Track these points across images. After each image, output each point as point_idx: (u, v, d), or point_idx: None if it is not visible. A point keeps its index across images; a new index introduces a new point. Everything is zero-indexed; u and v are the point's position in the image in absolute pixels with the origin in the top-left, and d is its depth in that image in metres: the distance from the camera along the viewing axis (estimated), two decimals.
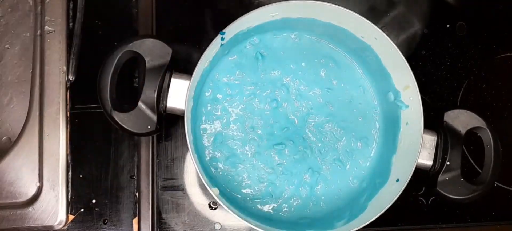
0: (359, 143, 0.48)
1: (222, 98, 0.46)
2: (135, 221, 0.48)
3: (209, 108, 0.46)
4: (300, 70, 0.48)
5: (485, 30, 0.55)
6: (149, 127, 0.42)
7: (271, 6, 0.42)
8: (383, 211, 0.41)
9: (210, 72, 0.46)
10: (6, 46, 0.52)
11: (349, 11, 0.43)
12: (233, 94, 0.47)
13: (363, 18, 0.43)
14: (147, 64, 0.42)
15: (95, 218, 0.48)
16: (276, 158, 0.47)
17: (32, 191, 0.47)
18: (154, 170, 0.49)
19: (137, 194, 0.48)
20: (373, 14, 0.53)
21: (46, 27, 0.49)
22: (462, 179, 0.45)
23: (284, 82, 0.48)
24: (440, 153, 0.45)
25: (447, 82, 0.53)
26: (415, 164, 0.43)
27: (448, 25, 0.55)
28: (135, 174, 0.49)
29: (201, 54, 0.41)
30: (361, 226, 0.42)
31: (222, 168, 0.46)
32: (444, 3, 0.55)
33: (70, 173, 0.48)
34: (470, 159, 0.51)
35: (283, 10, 0.44)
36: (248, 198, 0.46)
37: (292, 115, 0.47)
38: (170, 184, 0.49)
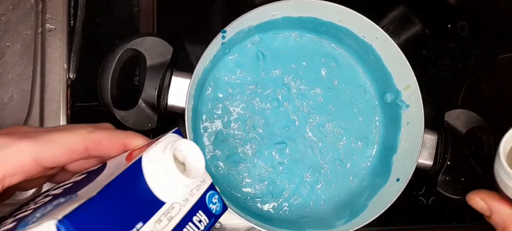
0: (359, 143, 0.48)
1: (223, 97, 0.46)
2: None
3: (209, 107, 0.46)
4: (301, 70, 0.48)
5: (486, 31, 0.55)
6: (149, 125, 0.42)
7: (272, 5, 0.42)
8: (383, 211, 0.41)
9: (211, 71, 0.46)
10: (7, 44, 0.52)
11: (350, 10, 0.43)
12: (234, 93, 0.47)
13: (364, 17, 0.43)
14: (148, 63, 0.42)
15: None
16: (277, 157, 0.47)
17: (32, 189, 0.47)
18: None
19: None
20: (375, 13, 0.53)
21: (47, 25, 0.49)
22: (463, 179, 0.45)
23: (285, 81, 0.48)
24: (441, 152, 0.45)
25: (448, 82, 0.53)
26: (416, 163, 0.43)
27: (449, 25, 0.55)
28: None
29: (202, 52, 0.41)
30: (362, 225, 0.42)
31: (222, 166, 0.46)
32: (445, 3, 0.55)
33: None
34: (471, 159, 0.51)
35: (284, 9, 0.44)
36: (248, 197, 0.46)
37: (293, 114, 0.47)
38: None
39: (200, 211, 0.25)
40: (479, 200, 0.33)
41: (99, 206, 0.21)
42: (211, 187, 0.27)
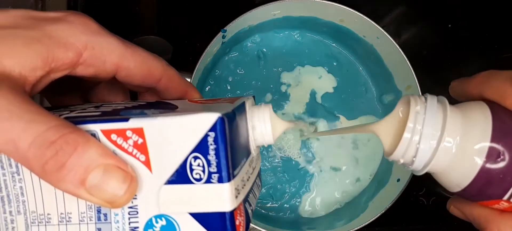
0: (360, 143, 0.48)
1: (223, 96, 0.46)
2: None
3: None
4: (302, 69, 0.48)
5: (487, 31, 0.55)
6: None
7: (272, 5, 0.42)
8: (383, 211, 0.41)
9: (211, 70, 0.46)
10: None
11: (351, 10, 0.43)
12: (234, 93, 0.47)
13: (365, 17, 0.43)
14: None
15: None
16: (277, 158, 0.46)
17: None
18: None
19: None
20: (375, 13, 0.53)
21: None
22: None
23: (286, 81, 0.47)
24: None
25: (449, 82, 0.53)
26: None
27: (449, 25, 0.54)
28: None
29: (203, 51, 0.41)
30: (362, 226, 0.41)
31: None
32: (446, 2, 0.55)
33: None
34: None
35: (284, 8, 0.44)
36: None
37: (293, 114, 0.47)
38: None
39: (258, 178, 0.27)
40: (454, 209, 0.28)
41: (236, 123, 0.21)
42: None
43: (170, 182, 0.20)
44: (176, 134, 0.19)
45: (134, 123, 0.20)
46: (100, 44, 0.23)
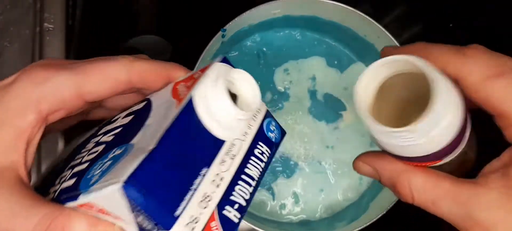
0: (361, 143, 0.47)
1: None
2: None
3: None
4: (302, 68, 0.47)
5: (487, 31, 0.55)
6: None
7: (273, 4, 0.42)
8: (384, 212, 0.41)
9: None
10: (6, 43, 0.52)
11: (352, 9, 0.43)
12: None
13: (366, 16, 0.43)
14: None
15: None
16: (278, 159, 0.46)
17: None
18: None
19: None
20: (376, 12, 0.52)
21: (45, 24, 0.49)
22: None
23: (286, 80, 0.47)
24: None
25: None
26: None
27: (450, 24, 0.54)
28: None
29: (202, 51, 0.41)
30: (362, 227, 0.41)
31: None
32: (446, 2, 0.55)
33: None
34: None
35: (285, 7, 0.44)
36: None
37: (294, 114, 0.47)
38: None
39: (260, 143, 0.24)
40: (363, 165, 0.27)
41: (161, 159, 0.19)
42: (267, 114, 0.25)
43: None
44: (110, 203, 0.20)
45: (81, 200, 0.21)
46: (51, 91, 0.24)
